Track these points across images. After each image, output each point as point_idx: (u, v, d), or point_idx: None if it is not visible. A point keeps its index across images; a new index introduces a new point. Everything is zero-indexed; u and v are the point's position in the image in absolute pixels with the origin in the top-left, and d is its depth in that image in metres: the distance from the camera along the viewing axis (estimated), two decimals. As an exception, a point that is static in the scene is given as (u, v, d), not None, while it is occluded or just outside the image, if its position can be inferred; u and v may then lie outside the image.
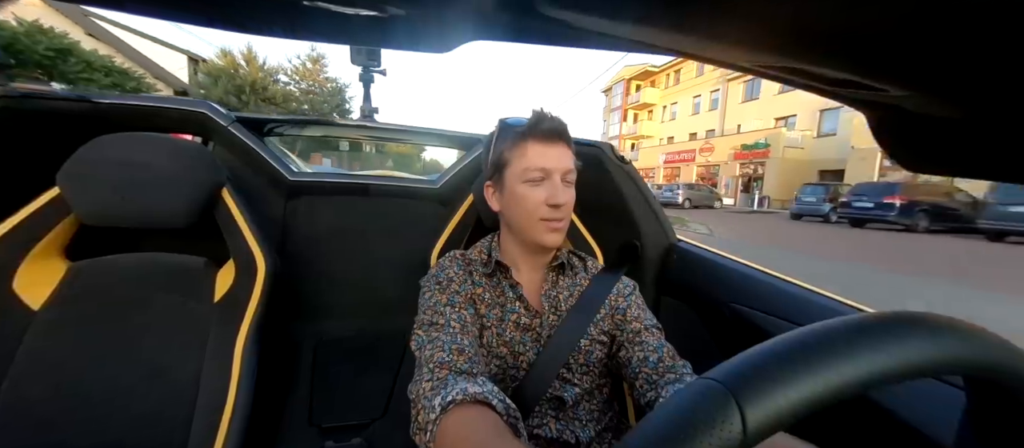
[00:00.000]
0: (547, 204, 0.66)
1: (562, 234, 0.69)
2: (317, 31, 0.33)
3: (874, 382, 0.20)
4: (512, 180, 0.69)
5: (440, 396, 0.49)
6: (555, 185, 0.67)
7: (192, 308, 0.77)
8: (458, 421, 0.46)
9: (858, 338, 0.21)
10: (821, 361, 0.20)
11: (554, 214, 0.67)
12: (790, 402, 0.19)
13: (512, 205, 0.70)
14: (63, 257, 0.77)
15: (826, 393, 0.19)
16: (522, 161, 0.68)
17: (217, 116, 0.96)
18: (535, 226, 0.68)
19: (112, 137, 0.74)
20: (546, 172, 0.67)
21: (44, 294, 0.72)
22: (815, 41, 0.22)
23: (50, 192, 0.73)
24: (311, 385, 1.02)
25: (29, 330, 0.70)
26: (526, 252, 0.73)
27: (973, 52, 0.19)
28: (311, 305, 1.08)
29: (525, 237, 0.70)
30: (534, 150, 0.67)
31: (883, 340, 0.21)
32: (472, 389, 0.49)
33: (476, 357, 0.60)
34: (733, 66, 0.30)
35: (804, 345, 0.21)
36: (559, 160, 0.67)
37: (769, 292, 0.85)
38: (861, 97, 0.29)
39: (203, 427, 0.69)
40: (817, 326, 0.22)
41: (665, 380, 0.64)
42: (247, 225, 0.81)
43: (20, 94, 0.79)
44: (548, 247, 0.70)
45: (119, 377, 0.72)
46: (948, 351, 0.22)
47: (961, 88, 0.23)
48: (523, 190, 0.67)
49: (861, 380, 0.20)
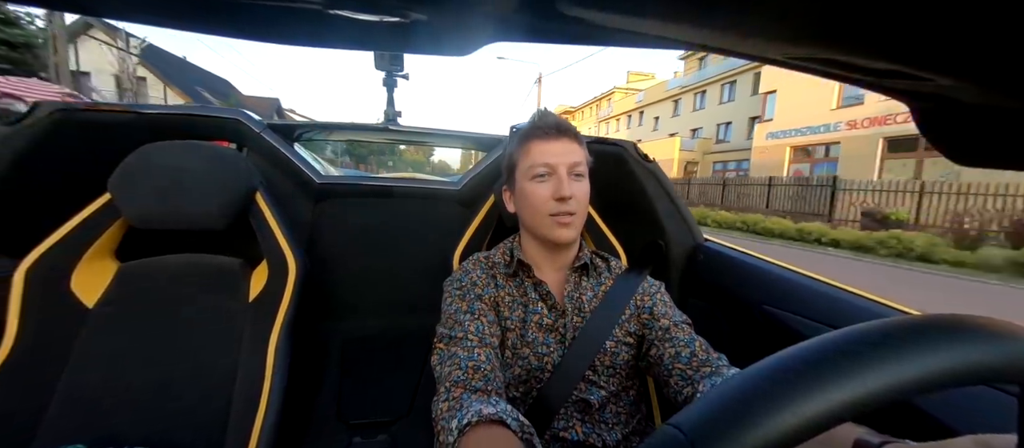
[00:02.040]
0: (553, 198, 0.67)
1: (574, 229, 0.69)
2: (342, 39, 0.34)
3: (869, 404, 0.18)
4: (521, 179, 0.70)
5: (456, 419, 0.50)
6: (560, 179, 0.67)
7: (229, 307, 0.81)
8: (474, 443, 0.47)
9: (822, 365, 0.19)
10: (777, 400, 0.18)
11: (561, 207, 0.67)
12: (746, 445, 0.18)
13: (523, 204, 0.71)
14: (114, 258, 0.82)
15: (795, 430, 0.18)
16: (527, 159, 0.69)
17: (250, 123, 1.00)
18: (545, 222, 0.68)
19: (157, 145, 0.78)
20: (550, 167, 0.67)
21: (97, 293, 0.77)
22: (855, 30, 0.21)
23: (102, 198, 0.78)
24: (339, 382, 1.05)
25: (84, 327, 0.75)
26: (544, 250, 0.73)
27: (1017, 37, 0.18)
28: (338, 304, 1.11)
29: (538, 234, 0.71)
30: (537, 147, 0.69)
31: (857, 364, 0.19)
32: (487, 410, 0.50)
33: (493, 373, 0.60)
34: (763, 59, 0.28)
35: (756, 385, 0.19)
36: (564, 155, 0.68)
37: (804, 293, 0.81)
38: (903, 87, 0.28)
39: (239, 420, 0.73)
40: (774, 358, 0.20)
41: (701, 375, 0.61)
42: (279, 227, 0.84)
43: (72, 107, 0.85)
44: (559, 243, 0.70)
45: (164, 371, 0.76)
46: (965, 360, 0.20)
47: (1010, 75, 0.21)
48: (530, 187, 0.69)
49: (838, 410, 0.18)
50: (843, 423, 0.19)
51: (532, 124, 0.71)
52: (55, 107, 0.83)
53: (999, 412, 0.50)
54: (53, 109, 0.82)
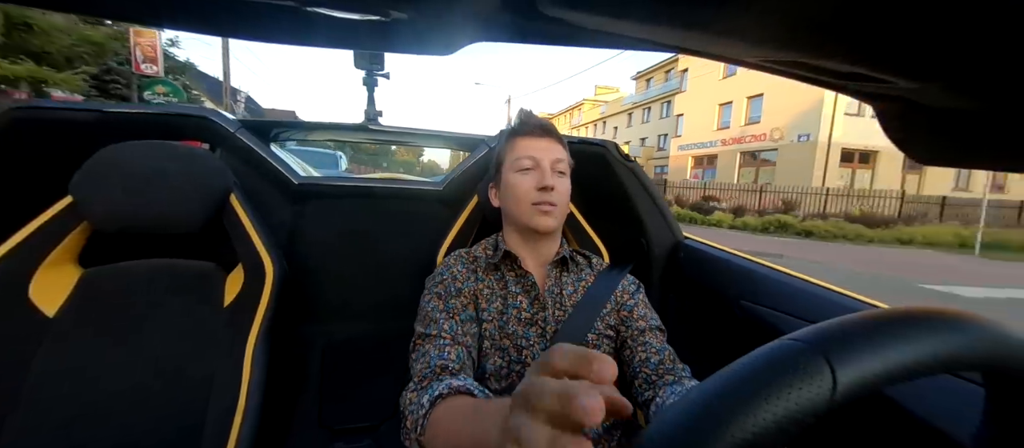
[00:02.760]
0: (536, 188, 0.71)
1: (554, 219, 0.72)
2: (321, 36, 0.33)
3: (934, 370, 0.22)
4: (506, 172, 0.75)
5: (428, 394, 0.52)
6: (544, 171, 0.72)
7: (203, 312, 0.78)
8: (445, 408, 0.49)
9: (927, 326, 0.22)
10: (906, 336, 0.21)
11: (544, 197, 0.71)
12: (880, 366, 0.20)
13: (507, 195, 0.75)
14: (76, 264, 0.78)
15: (908, 366, 0.21)
16: (513, 153, 0.74)
17: (223, 122, 0.97)
18: (527, 210, 0.72)
19: (122, 145, 0.75)
20: (535, 160, 0.72)
21: (59, 301, 0.73)
22: (821, 35, 0.22)
23: (63, 201, 0.74)
24: (321, 387, 1.03)
25: (45, 337, 0.71)
26: (527, 243, 0.75)
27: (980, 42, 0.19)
28: (320, 308, 1.09)
29: (520, 223, 0.74)
30: (522, 143, 0.74)
31: (944, 331, 0.22)
32: (455, 383, 0.53)
33: (462, 371, 0.61)
34: (739, 62, 0.29)
35: (892, 319, 0.22)
36: (547, 151, 0.74)
37: (780, 289, 0.84)
38: (868, 90, 0.29)
39: (215, 431, 0.70)
40: (895, 308, 0.24)
41: (664, 382, 0.64)
42: (255, 230, 0.81)
43: (31, 105, 0.81)
44: (540, 231, 0.72)
45: (133, 382, 0.73)
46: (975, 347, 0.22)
47: (969, 79, 0.23)
48: (515, 178, 0.73)
49: (928, 364, 0.21)
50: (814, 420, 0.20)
51: (519, 123, 0.77)
52: (13, 105, 0.78)
53: (961, 399, 0.53)
54: (11, 107, 0.78)
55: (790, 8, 0.20)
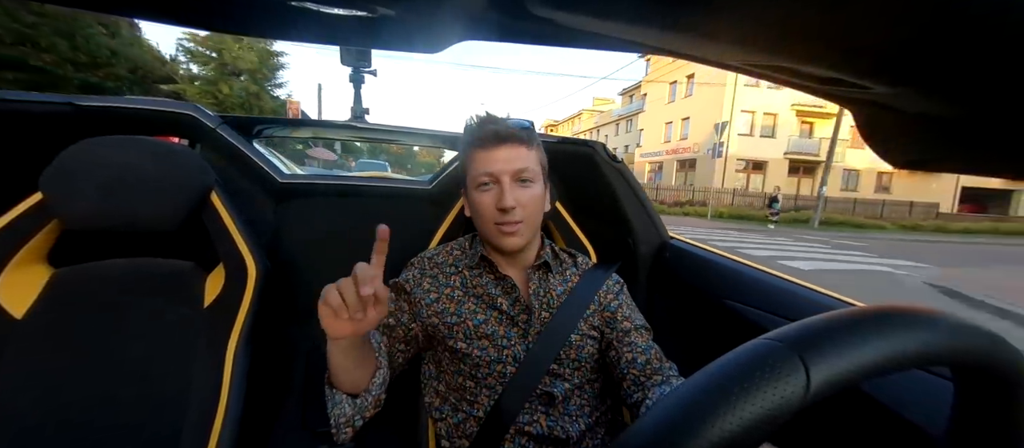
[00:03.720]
0: (496, 207, 0.67)
1: (520, 237, 0.69)
2: (306, 32, 0.33)
3: (904, 366, 0.22)
4: (469, 188, 0.71)
5: None
6: (503, 188, 0.66)
7: (181, 313, 0.76)
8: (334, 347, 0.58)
9: (895, 322, 0.23)
10: (879, 334, 0.22)
11: (504, 218, 0.67)
12: (854, 363, 0.21)
13: (473, 212, 0.72)
14: (46, 264, 0.75)
15: (886, 362, 0.21)
16: (472, 169, 0.69)
17: (204, 118, 0.94)
18: (491, 231, 0.69)
19: (96, 140, 0.72)
20: (492, 176, 0.67)
21: (27, 302, 0.71)
22: (801, 41, 0.22)
23: (32, 197, 0.71)
24: (304, 389, 1.01)
25: (11, 340, 0.68)
26: (500, 255, 0.74)
27: (955, 50, 0.20)
28: (304, 308, 1.07)
29: (488, 241, 0.72)
30: (479, 157, 0.68)
31: (912, 328, 0.23)
32: None
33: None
34: (722, 65, 0.30)
35: (866, 317, 0.23)
36: (507, 162, 0.67)
37: (763, 288, 0.86)
38: (847, 95, 0.30)
39: (194, 434, 0.68)
40: (866, 308, 0.24)
41: (652, 382, 0.65)
42: (236, 228, 0.80)
43: (1, 97, 0.78)
44: (506, 251, 0.70)
45: (105, 386, 0.70)
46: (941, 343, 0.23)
47: (943, 85, 0.23)
48: (476, 197, 0.69)
49: (897, 360, 0.22)
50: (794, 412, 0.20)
51: (472, 133, 0.70)
52: None
53: (934, 393, 0.55)
54: None
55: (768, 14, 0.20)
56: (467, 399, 0.69)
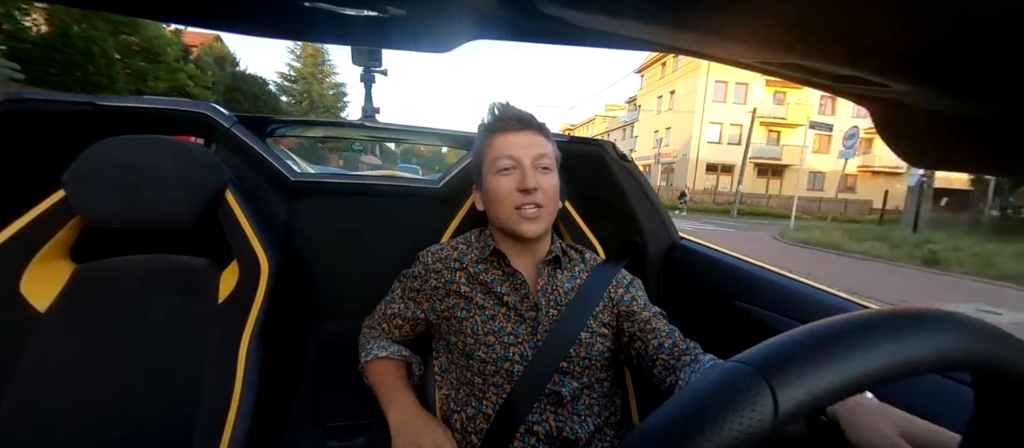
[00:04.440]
0: (518, 189, 0.66)
1: (541, 223, 0.68)
2: (319, 32, 0.33)
3: (894, 375, 0.21)
4: (486, 174, 0.70)
5: (373, 347, 0.80)
6: (525, 171, 0.67)
7: (196, 309, 0.78)
8: (377, 365, 0.78)
9: (880, 330, 0.21)
10: (848, 350, 0.20)
11: (526, 199, 0.66)
12: (822, 385, 0.19)
13: (489, 199, 0.71)
14: (69, 259, 0.78)
15: (854, 380, 0.20)
16: (491, 153, 0.69)
17: (219, 117, 0.96)
18: (511, 216, 0.68)
19: (116, 139, 0.74)
20: (515, 159, 0.67)
21: (50, 296, 0.73)
22: (818, 38, 0.22)
23: (56, 194, 0.73)
24: (315, 385, 1.03)
25: (35, 332, 0.70)
26: (513, 246, 0.73)
27: (978, 48, 0.19)
28: (315, 305, 1.08)
29: (505, 229, 0.70)
30: (500, 141, 0.69)
31: (902, 333, 0.21)
32: (392, 349, 0.79)
33: (399, 328, 0.80)
34: (735, 63, 0.30)
35: (833, 332, 0.21)
36: (528, 147, 0.68)
37: (773, 289, 0.85)
38: (863, 93, 0.29)
39: (207, 427, 0.70)
40: (838, 318, 0.23)
41: (682, 363, 0.64)
42: (250, 226, 0.81)
43: (24, 97, 0.80)
44: (526, 237, 0.69)
45: (123, 379, 0.72)
46: (961, 348, 0.22)
47: (965, 84, 0.23)
48: (495, 181, 0.68)
49: (881, 371, 0.21)
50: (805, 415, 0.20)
51: (494, 118, 0.71)
52: (4, 97, 0.77)
53: (947, 398, 0.54)
54: (3, 99, 0.77)
55: (783, 12, 0.20)
56: (476, 395, 0.69)
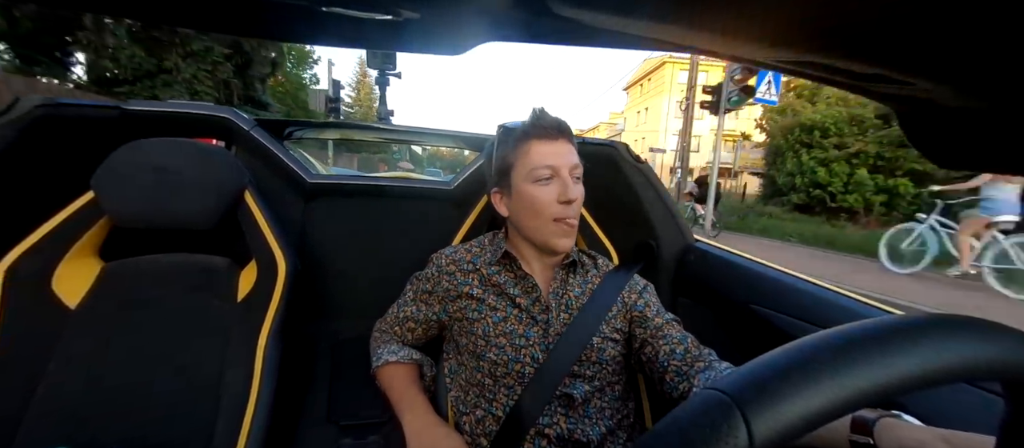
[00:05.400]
0: (558, 201, 0.65)
1: (574, 237, 0.69)
2: (333, 35, 0.34)
3: (880, 395, 0.19)
4: (519, 182, 0.68)
5: (385, 351, 0.80)
6: (565, 181, 0.65)
7: (217, 307, 0.80)
8: (390, 369, 0.78)
9: (860, 348, 0.20)
10: (824, 372, 0.19)
11: (566, 211, 0.66)
12: (798, 413, 0.18)
13: (521, 208, 0.69)
14: (97, 257, 0.81)
15: (837, 404, 0.18)
16: (527, 161, 0.67)
17: (239, 120, 0.98)
18: (547, 227, 0.67)
19: (142, 142, 0.77)
20: (554, 169, 0.66)
21: (80, 293, 0.76)
22: (842, 35, 0.21)
23: (85, 195, 0.76)
24: (329, 383, 1.04)
25: (66, 328, 0.73)
26: (536, 253, 0.73)
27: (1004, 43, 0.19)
28: (329, 304, 1.10)
29: (536, 239, 0.69)
30: (538, 149, 0.66)
31: (887, 348, 0.20)
32: (403, 353, 0.79)
33: (412, 331, 0.80)
34: (752, 62, 0.29)
35: (806, 354, 0.20)
36: (565, 156, 0.67)
37: (789, 293, 0.83)
38: (888, 91, 0.28)
39: (226, 423, 0.72)
40: (815, 337, 0.21)
41: (695, 370, 0.63)
42: (268, 226, 0.83)
43: (55, 102, 0.83)
44: (558, 252, 0.69)
45: (148, 374, 0.74)
46: (985, 356, 0.21)
47: (993, 80, 0.22)
48: (532, 190, 0.66)
49: (867, 392, 0.19)
50: (843, 416, 0.19)
51: (532, 123, 0.68)
52: (38, 102, 0.81)
53: (974, 409, 0.52)
54: (36, 104, 0.80)
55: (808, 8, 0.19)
56: (486, 396, 0.70)
